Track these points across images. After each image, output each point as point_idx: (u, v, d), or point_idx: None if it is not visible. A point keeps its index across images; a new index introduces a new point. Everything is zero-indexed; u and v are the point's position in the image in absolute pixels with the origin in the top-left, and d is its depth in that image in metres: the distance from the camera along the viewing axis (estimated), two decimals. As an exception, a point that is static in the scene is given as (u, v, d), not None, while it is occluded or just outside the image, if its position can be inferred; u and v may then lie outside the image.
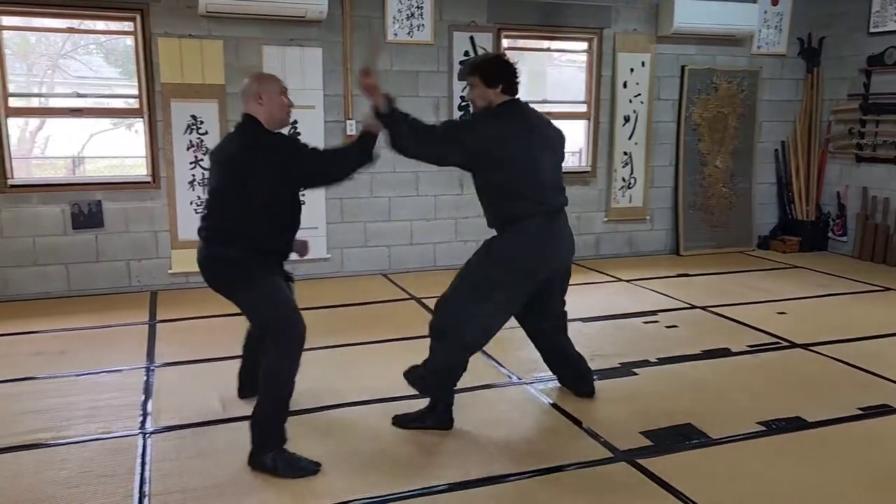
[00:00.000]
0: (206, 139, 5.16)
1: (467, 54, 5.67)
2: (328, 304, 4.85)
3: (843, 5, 6.51)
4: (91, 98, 5.71)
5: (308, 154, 2.74)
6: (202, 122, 5.14)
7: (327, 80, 5.38)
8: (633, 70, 6.23)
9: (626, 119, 6.31)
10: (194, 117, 5.12)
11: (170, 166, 5.13)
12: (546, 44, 6.34)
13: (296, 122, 5.18)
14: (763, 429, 3.01)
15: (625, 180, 6.41)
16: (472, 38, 5.70)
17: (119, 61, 6.62)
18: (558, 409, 3.21)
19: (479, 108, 2.96)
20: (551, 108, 6.34)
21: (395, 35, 5.52)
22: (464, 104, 5.66)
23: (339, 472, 2.64)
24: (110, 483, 2.56)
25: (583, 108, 6.31)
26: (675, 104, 6.47)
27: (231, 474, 2.62)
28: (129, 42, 5.17)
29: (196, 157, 5.16)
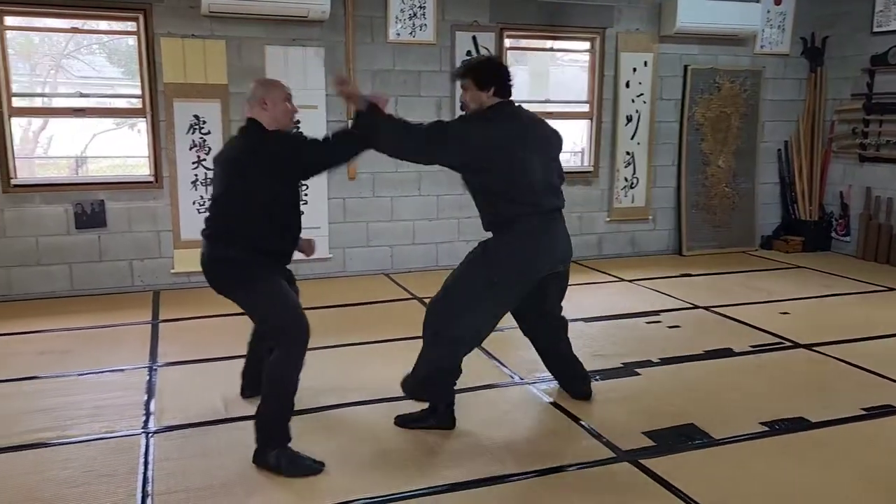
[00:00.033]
0: (209, 139, 5.17)
1: (469, 54, 5.66)
2: (330, 303, 4.86)
3: (846, 5, 6.50)
4: (94, 98, 5.71)
5: (306, 148, 2.78)
6: (205, 122, 5.15)
7: (330, 80, 5.38)
8: (635, 70, 6.22)
9: (629, 119, 6.30)
10: (197, 117, 5.13)
11: (172, 166, 5.14)
12: (549, 43, 6.34)
13: (298, 122, 5.16)
14: (766, 429, 3.00)
15: (627, 180, 6.41)
16: (474, 38, 5.69)
17: (122, 61, 6.63)
18: (560, 408, 3.21)
19: (472, 110, 2.93)
20: (554, 107, 6.35)
21: (397, 35, 5.52)
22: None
23: (341, 472, 2.65)
24: (113, 482, 2.57)
25: (585, 108, 6.31)
26: (677, 104, 6.47)
27: (234, 474, 2.63)
28: (132, 42, 5.18)
29: (199, 156, 5.17)
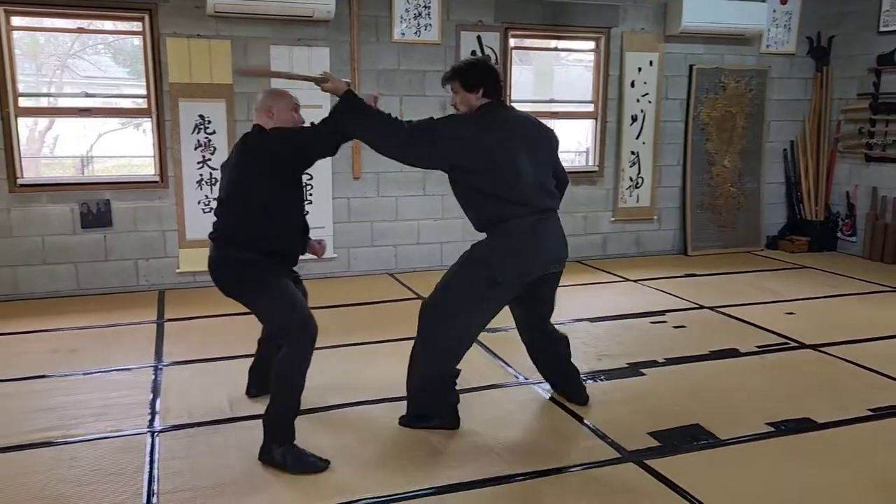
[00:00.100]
0: (214, 139, 5.18)
1: (474, 54, 5.66)
2: (335, 303, 4.86)
3: (852, 4, 6.48)
4: (99, 98, 5.73)
5: (302, 142, 2.81)
6: (210, 122, 5.16)
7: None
8: (640, 69, 6.22)
9: (634, 118, 6.29)
10: (202, 117, 5.14)
11: (178, 166, 5.15)
12: (553, 43, 6.33)
13: (312, 124, 5.17)
14: (772, 430, 3.00)
15: (632, 180, 6.40)
16: (479, 38, 5.69)
17: (127, 61, 6.64)
18: (565, 409, 3.21)
19: (462, 113, 2.91)
20: (558, 107, 6.34)
21: (402, 34, 5.52)
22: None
23: (346, 471, 2.65)
24: (120, 481, 2.58)
25: (590, 108, 6.30)
26: (682, 103, 6.45)
27: (239, 472, 2.63)
28: (138, 42, 5.20)
29: (204, 156, 5.18)
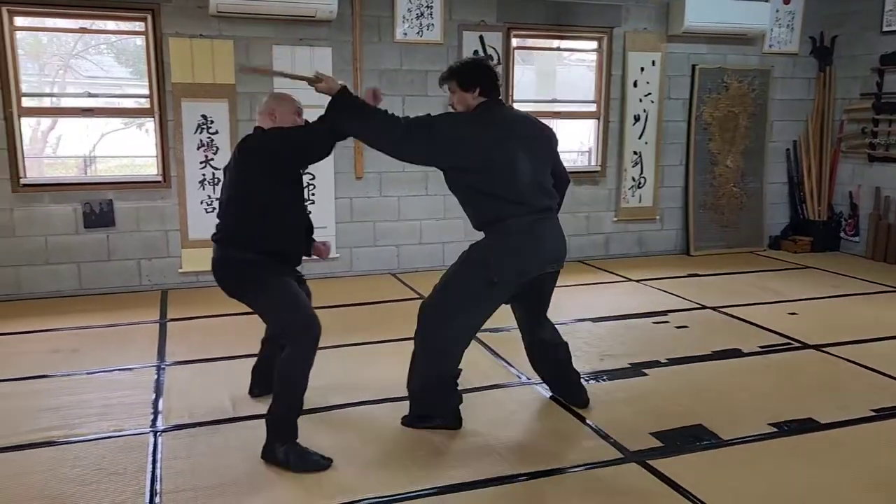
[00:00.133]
0: (217, 139, 5.18)
1: (476, 53, 5.66)
2: (337, 303, 4.86)
3: (855, 4, 6.47)
4: (102, 98, 5.71)
5: (301, 141, 2.82)
6: (212, 122, 5.16)
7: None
8: (643, 69, 6.21)
9: (637, 118, 6.28)
10: (205, 117, 5.14)
11: (180, 166, 5.15)
12: (556, 43, 6.32)
13: (307, 121, 5.18)
14: (775, 430, 2.99)
15: (635, 180, 6.39)
16: (481, 38, 5.69)
17: (130, 61, 6.64)
18: (567, 409, 3.21)
19: (459, 112, 2.90)
20: (561, 107, 6.34)
21: (404, 34, 5.52)
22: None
23: (348, 470, 2.65)
24: (122, 481, 2.58)
25: (593, 108, 6.30)
26: (685, 103, 6.45)
27: (241, 472, 2.63)
28: (140, 42, 5.20)
29: (206, 156, 5.19)
